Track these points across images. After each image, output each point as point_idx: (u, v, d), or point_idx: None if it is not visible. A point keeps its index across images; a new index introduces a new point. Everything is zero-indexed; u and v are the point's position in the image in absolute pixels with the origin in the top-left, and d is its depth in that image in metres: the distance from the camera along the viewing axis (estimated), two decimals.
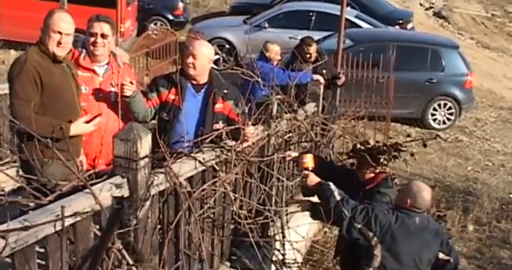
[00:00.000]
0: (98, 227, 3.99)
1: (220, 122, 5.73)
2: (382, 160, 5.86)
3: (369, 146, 5.93)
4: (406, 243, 5.50)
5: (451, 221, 9.88)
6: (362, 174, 5.96)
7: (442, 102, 14.91)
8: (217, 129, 5.49)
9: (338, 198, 5.48)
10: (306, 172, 5.77)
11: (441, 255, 5.73)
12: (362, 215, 5.43)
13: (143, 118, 5.62)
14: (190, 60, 5.59)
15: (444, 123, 15.07)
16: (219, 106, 5.74)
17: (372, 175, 5.92)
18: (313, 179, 5.67)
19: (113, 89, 5.63)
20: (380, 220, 5.45)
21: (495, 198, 11.25)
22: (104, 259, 3.80)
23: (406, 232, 5.50)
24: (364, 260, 5.58)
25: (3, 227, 3.23)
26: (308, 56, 9.70)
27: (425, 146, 6.23)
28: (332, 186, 5.55)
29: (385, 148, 5.87)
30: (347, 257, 5.99)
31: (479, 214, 10.42)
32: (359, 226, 5.43)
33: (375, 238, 5.42)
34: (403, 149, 5.99)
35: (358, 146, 5.96)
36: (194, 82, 5.69)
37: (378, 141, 6.24)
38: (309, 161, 5.89)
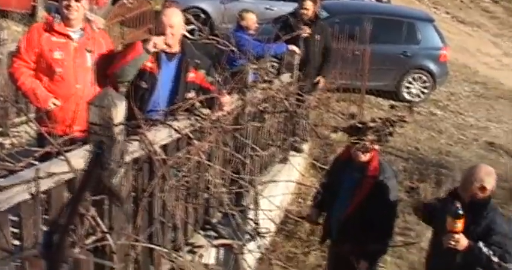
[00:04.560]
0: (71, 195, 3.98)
1: (192, 91, 5.72)
2: (382, 137, 5.78)
3: (368, 123, 5.80)
4: None
5: (424, 193, 9.95)
6: (357, 156, 5.85)
7: (416, 75, 15.01)
8: (190, 98, 5.47)
9: (495, 259, 5.18)
10: (457, 236, 5.17)
11: None
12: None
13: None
14: (168, 30, 5.53)
15: (418, 96, 15.15)
16: (191, 75, 5.72)
17: (368, 156, 5.89)
18: (464, 243, 5.19)
19: (88, 55, 5.60)
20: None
21: None
22: (79, 223, 3.80)
23: None
24: None
25: None
26: (304, 11, 9.66)
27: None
28: (484, 248, 5.19)
29: (384, 124, 5.76)
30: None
31: (452, 187, 10.48)
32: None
33: None
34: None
35: (358, 124, 5.81)
36: (167, 50, 5.65)
37: (374, 120, 6.14)
38: (462, 225, 5.21)
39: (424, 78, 14.99)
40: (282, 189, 7.63)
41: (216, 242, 5.76)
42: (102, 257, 4.08)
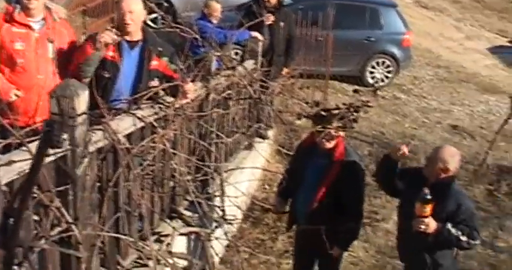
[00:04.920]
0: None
1: (156, 79, 5.69)
2: (347, 124, 5.75)
3: (333, 110, 5.75)
4: None
5: None
6: (323, 144, 5.84)
7: (380, 60, 15.04)
8: (153, 86, 5.44)
9: (464, 238, 5.40)
10: (426, 220, 5.34)
11: None
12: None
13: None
14: (128, 17, 5.49)
15: (382, 81, 15.21)
16: (154, 63, 5.68)
17: (334, 143, 5.89)
18: (433, 226, 5.36)
19: (49, 45, 5.55)
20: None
21: None
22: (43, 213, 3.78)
23: None
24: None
25: None
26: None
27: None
28: (452, 229, 5.37)
29: (348, 110, 5.72)
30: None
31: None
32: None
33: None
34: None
35: (322, 112, 5.77)
36: (128, 39, 5.61)
37: (338, 107, 6.07)
38: (430, 210, 5.36)
39: (388, 62, 15.05)
40: (247, 175, 7.65)
41: (183, 230, 5.76)
42: (68, 248, 4.06)
